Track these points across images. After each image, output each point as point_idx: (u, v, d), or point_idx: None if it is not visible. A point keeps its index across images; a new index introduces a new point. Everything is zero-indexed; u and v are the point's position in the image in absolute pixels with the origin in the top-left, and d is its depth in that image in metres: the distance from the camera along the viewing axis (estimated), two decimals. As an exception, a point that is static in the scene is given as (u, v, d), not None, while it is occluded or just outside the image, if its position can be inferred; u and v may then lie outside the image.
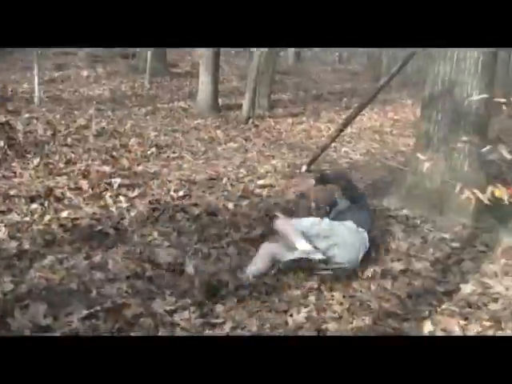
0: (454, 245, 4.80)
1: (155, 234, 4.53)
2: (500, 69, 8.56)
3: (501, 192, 2.32)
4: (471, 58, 5.24)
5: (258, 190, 5.90)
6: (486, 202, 2.00)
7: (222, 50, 11.80)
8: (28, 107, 9.31)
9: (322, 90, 13.83)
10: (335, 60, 22.85)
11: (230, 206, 5.25)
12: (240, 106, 10.48)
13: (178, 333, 3.17)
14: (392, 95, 13.25)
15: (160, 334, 3.16)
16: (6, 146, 6.40)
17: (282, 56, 19.53)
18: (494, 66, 5.47)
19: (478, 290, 3.98)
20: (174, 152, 7.46)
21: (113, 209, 4.94)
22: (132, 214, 4.88)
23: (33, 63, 10.21)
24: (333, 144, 7.40)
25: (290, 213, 5.01)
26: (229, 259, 4.22)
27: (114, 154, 6.92)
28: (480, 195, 1.96)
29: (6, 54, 14.72)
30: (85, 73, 13.85)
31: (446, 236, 4.93)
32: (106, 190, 5.40)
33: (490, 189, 2.03)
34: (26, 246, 4.07)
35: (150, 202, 5.21)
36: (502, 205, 2.09)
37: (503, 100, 2.21)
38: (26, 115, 8.54)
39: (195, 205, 5.23)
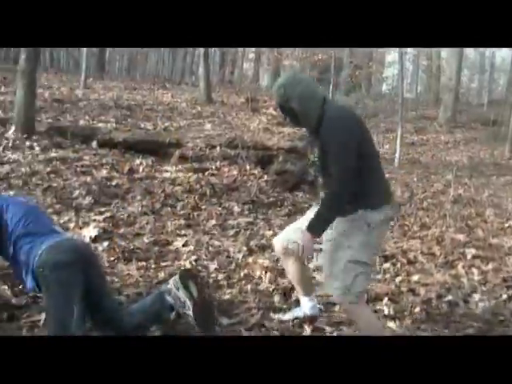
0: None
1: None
2: None
3: None
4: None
5: None
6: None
7: None
8: (388, 168, 9.71)
9: None
10: None
11: None
12: None
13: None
14: None
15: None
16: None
17: None
18: None
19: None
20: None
21: (464, 280, 4.83)
22: (484, 288, 4.70)
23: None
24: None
25: None
26: None
27: (470, 222, 6.81)
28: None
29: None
30: (444, 138, 13.98)
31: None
32: (459, 259, 5.33)
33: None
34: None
35: (503, 278, 4.94)
36: None
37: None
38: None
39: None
